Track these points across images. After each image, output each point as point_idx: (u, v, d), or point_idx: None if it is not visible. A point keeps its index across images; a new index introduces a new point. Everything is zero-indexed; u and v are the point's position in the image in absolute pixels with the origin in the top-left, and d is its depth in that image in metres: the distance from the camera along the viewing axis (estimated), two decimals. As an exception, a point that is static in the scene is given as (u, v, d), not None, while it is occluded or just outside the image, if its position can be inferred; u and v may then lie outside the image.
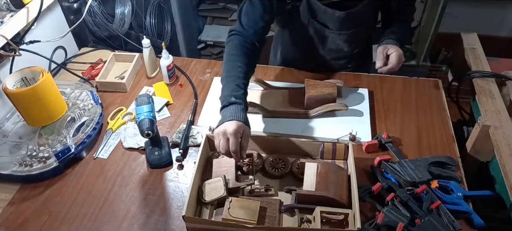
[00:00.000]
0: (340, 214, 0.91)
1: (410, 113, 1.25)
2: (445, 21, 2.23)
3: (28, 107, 1.11)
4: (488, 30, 2.34)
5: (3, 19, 1.17)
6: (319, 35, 1.25)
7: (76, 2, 1.53)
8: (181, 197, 1.03)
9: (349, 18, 1.17)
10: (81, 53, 1.57)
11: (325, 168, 0.98)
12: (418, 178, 0.99)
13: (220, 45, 2.72)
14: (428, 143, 1.15)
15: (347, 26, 1.20)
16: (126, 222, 0.98)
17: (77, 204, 1.02)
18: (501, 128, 1.06)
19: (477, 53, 1.36)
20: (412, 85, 1.35)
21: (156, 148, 1.10)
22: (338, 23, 1.19)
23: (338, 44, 1.27)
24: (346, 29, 1.21)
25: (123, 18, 1.92)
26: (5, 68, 1.25)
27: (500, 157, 1.01)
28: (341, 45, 1.28)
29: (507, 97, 1.21)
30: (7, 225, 0.98)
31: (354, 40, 1.26)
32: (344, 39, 1.24)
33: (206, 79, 1.42)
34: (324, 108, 1.20)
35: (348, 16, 1.16)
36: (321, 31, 1.23)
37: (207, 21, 2.80)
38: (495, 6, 2.39)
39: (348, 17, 1.16)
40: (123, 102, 1.33)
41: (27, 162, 1.06)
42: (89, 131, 1.15)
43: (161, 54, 1.33)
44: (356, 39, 1.27)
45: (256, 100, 1.24)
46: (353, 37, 1.24)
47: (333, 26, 1.20)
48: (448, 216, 0.91)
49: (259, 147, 1.11)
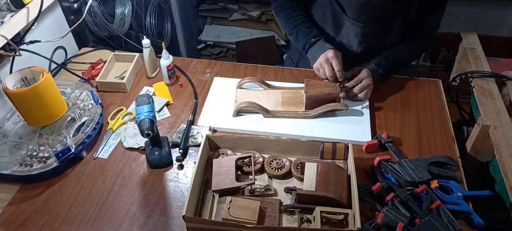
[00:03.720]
0: (340, 214, 0.92)
1: (410, 113, 1.25)
2: (445, 21, 2.22)
3: (28, 107, 1.11)
4: (488, 30, 2.34)
5: (3, 19, 1.17)
6: (335, 22, 1.27)
7: (76, 2, 1.53)
8: (181, 197, 1.03)
9: (368, 9, 1.18)
10: (81, 53, 1.57)
11: (325, 168, 0.98)
12: (418, 178, 0.99)
13: (220, 45, 2.72)
14: (428, 143, 1.15)
15: (364, 17, 1.21)
16: (126, 222, 0.98)
17: (77, 204, 1.02)
18: (501, 128, 1.07)
19: (477, 53, 1.36)
20: (412, 85, 1.35)
21: (156, 148, 1.11)
22: (356, 9, 1.20)
23: (349, 38, 1.28)
24: (362, 21, 1.22)
25: (123, 18, 1.92)
26: (5, 68, 1.25)
27: (500, 157, 1.01)
28: (352, 40, 1.28)
29: (507, 97, 1.21)
30: (7, 225, 0.98)
31: (366, 37, 1.26)
32: (357, 32, 1.25)
33: (206, 79, 1.42)
34: (324, 108, 1.20)
35: (367, 5, 1.17)
36: (338, 17, 1.25)
37: (207, 21, 2.80)
38: (495, 6, 2.39)
39: (367, 7, 1.17)
40: (123, 102, 1.33)
41: (27, 162, 1.06)
42: (89, 131, 1.15)
43: (161, 54, 1.33)
44: (368, 37, 1.26)
45: (256, 100, 1.24)
46: (365, 33, 1.24)
47: (350, 13, 1.22)
48: (448, 216, 0.91)
49: (259, 147, 1.12)
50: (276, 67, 1.47)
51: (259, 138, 1.12)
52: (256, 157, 1.09)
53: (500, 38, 2.46)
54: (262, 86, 1.32)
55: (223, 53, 2.77)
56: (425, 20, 1.24)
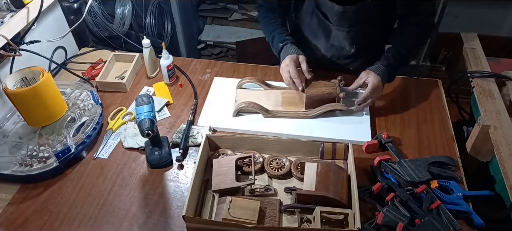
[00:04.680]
0: (340, 214, 0.92)
1: (410, 113, 1.25)
2: (445, 21, 2.23)
3: (28, 107, 1.11)
4: (488, 30, 2.34)
5: (3, 19, 1.17)
6: (323, 28, 1.28)
7: (76, 2, 1.53)
8: (181, 197, 1.03)
9: (347, 15, 1.18)
10: (81, 53, 1.57)
11: (325, 168, 0.98)
12: (418, 178, 0.99)
13: (220, 45, 2.72)
14: (428, 143, 1.15)
15: (346, 22, 1.21)
16: (126, 222, 0.98)
17: (77, 204, 1.02)
18: (501, 128, 1.07)
19: (477, 53, 1.36)
20: (412, 85, 1.35)
21: (156, 148, 1.11)
22: (336, 17, 1.21)
23: (340, 40, 1.28)
24: (345, 26, 1.22)
25: (123, 18, 1.92)
26: (5, 68, 1.25)
27: (500, 157, 1.01)
28: (343, 42, 1.28)
29: (507, 97, 1.21)
30: (7, 225, 0.98)
31: (355, 39, 1.26)
32: (344, 36, 1.25)
33: (206, 79, 1.42)
34: (324, 108, 1.20)
35: (346, 12, 1.17)
36: (324, 23, 1.25)
37: (207, 21, 2.80)
38: (495, 6, 2.39)
39: (346, 13, 1.17)
40: (123, 102, 1.33)
41: (27, 162, 1.06)
42: (89, 131, 1.15)
43: (161, 54, 1.33)
44: (357, 38, 1.26)
45: (256, 100, 1.24)
46: (353, 35, 1.25)
47: (333, 20, 1.23)
48: (448, 216, 0.91)
49: (259, 147, 1.11)
50: (276, 67, 1.46)
51: (259, 138, 1.12)
52: (256, 157, 1.09)
53: (500, 38, 2.45)
54: (262, 86, 1.32)
55: (223, 53, 2.77)
56: (417, 10, 1.20)
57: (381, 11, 1.22)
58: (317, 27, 1.29)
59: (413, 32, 1.25)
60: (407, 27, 1.25)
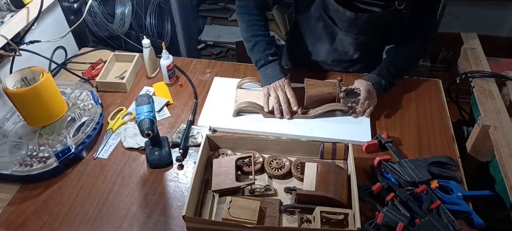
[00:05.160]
0: (340, 214, 0.91)
1: (410, 113, 1.25)
2: (445, 21, 2.23)
3: (28, 107, 1.11)
4: (488, 30, 2.34)
5: (3, 19, 1.17)
6: (328, 32, 1.26)
7: (76, 2, 1.53)
8: (181, 197, 1.03)
9: (359, 22, 1.17)
10: (81, 53, 1.57)
11: (325, 168, 0.98)
12: (418, 178, 0.99)
13: (220, 45, 2.72)
14: (428, 143, 1.15)
15: (355, 29, 1.21)
16: (126, 222, 0.98)
17: (77, 204, 1.02)
18: (501, 128, 1.07)
19: (477, 53, 1.36)
20: (412, 85, 1.35)
21: (156, 148, 1.11)
22: (346, 23, 1.20)
23: (345, 46, 1.28)
24: (353, 33, 1.22)
25: (123, 18, 1.92)
26: (5, 68, 1.25)
27: (500, 157, 1.01)
28: (347, 47, 1.28)
29: (507, 97, 1.21)
30: (7, 225, 0.98)
31: (360, 45, 1.27)
32: (351, 41, 1.25)
33: (206, 79, 1.42)
34: (324, 108, 1.20)
35: (357, 19, 1.16)
36: (331, 28, 1.24)
37: (207, 21, 2.80)
38: (495, 6, 2.39)
39: (357, 20, 1.17)
40: (123, 102, 1.33)
41: (27, 162, 1.06)
42: (89, 131, 1.15)
43: (161, 54, 1.33)
44: (362, 45, 1.27)
45: (256, 100, 1.24)
46: (359, 42, 1.25)
47: (341, 26, 1.22)
48: (448, 216, 0.91)
49: (259, 147, 1.11)
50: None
51: (259, 138, 1.12)
52: (256, 157, 1.09)
53: (500, 38, 2.46)
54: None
55: (223, 53, 2.77)
56: (421, 24, 1.23)
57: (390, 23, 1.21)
58: (322, 31, 1.28)
59: (413, 45, 1.26)
60: (409, 40, 1.26)
